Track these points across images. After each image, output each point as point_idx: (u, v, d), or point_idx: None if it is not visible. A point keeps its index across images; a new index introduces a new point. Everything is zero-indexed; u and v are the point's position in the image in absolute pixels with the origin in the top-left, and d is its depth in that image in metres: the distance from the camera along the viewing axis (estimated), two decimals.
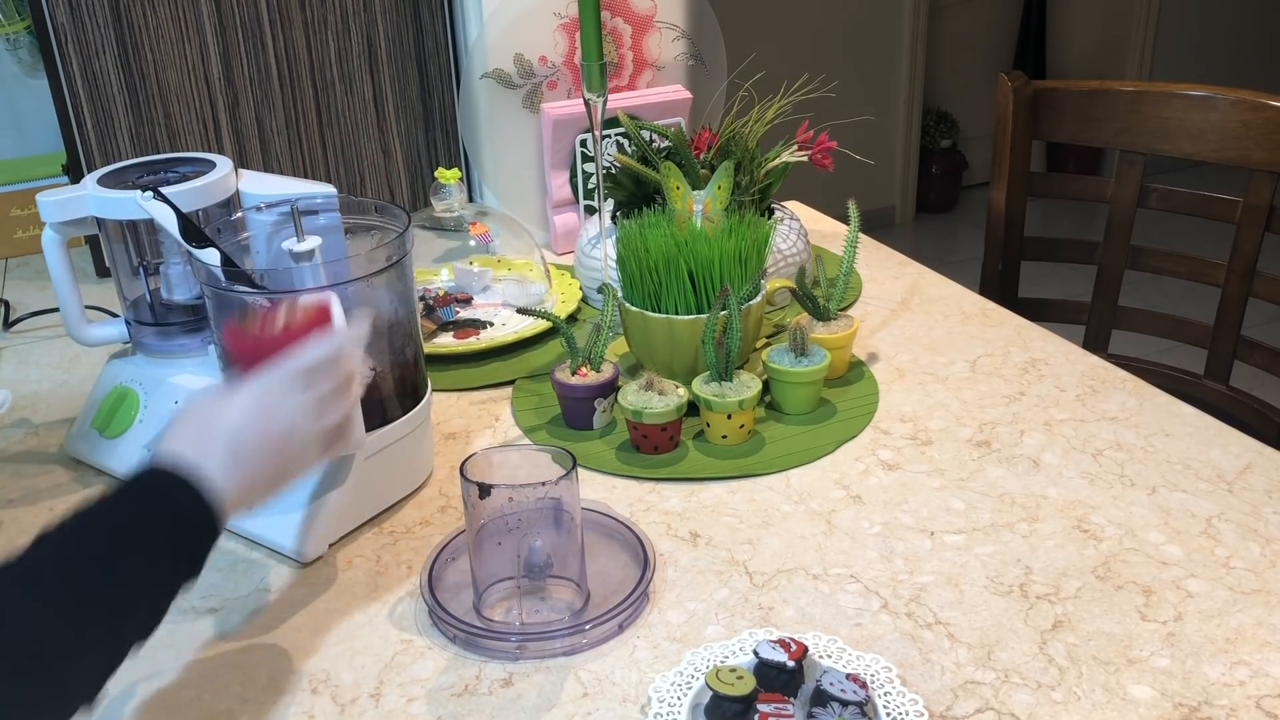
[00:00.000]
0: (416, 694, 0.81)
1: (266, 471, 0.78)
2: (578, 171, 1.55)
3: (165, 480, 0.73)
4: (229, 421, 0.77)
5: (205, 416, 0.78)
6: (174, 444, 0.76)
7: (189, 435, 0.77)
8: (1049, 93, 1.58)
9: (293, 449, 0.80)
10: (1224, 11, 4.42)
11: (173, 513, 0.72)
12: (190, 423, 0.78)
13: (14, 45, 1.80)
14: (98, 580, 0.67)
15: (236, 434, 0.77)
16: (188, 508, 0.73)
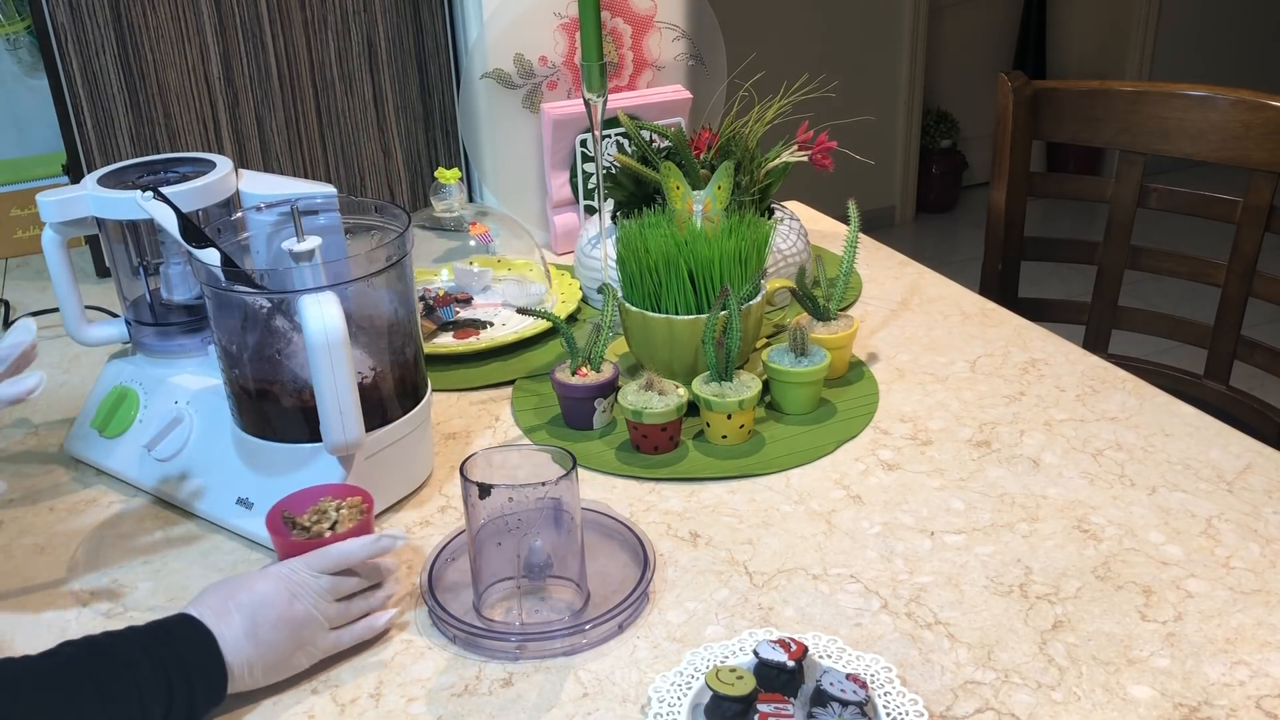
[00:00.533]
0: (416, 694, 0.81)
1: (277, 651, 0.80)
2: (578, 171, 1.55)
3: (188, 624, 0.78)
4: (255, 593, 0.80)
5: (234, 586, 0.81)
6: (199, 605, 0.80)
7: (215, 600, 0.80)
8: (1049, 93, 1.58)
9: (306, 636, 0.81)
10: (1224, 11, 4.42)
11: (190, 646, 0.77)
12: (219, 590, 0.81)
13: (14, 45, 1.80)
14: (103, 685, 0.72)
15: (258, 607, 0.80)
16: (202, 648, 0.77)
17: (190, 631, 0.78)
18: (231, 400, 0.99)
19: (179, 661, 0.75)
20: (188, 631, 0.78)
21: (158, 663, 0.74)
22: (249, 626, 0.79)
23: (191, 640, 0.77)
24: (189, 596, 0.92)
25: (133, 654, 0.74)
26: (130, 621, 0.89)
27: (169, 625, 0.78)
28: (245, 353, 0.96)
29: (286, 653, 0.80)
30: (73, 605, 0.91)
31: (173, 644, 0.76)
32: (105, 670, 0.73)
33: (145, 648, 0.75)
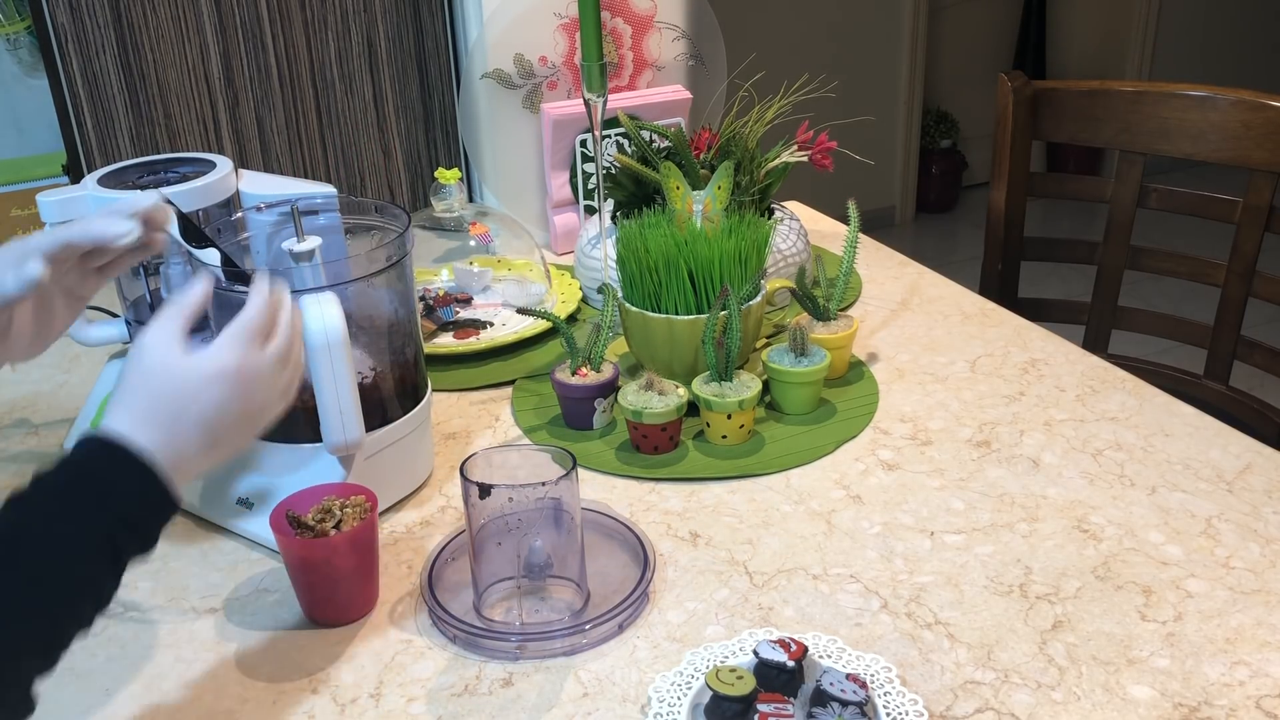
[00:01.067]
0: (416, 694, 0.81)
1: (236, 446, 0.74)
2: (578, 171, 1.55)
3: (108, 455, 0.68)
4: (205, 403, 0.71)
5: (176, 389, 0.71)
6: (138, 412, 0.70)
7: (153, 415, 0.70)
8: (1049, 93, 1.58)
9: (264, 418, 0.76)
10: (1224, 11, 4.42)
11: (112, 487, 0.67)
12: (159, 393, 0.71)
13: (14, 45, 1.80)
14: (22, 556, 0.63)
15: (216, 418, 0.72)
16: (133, 482, 0.68)
17: (127, 482, 0.68)
18: None
19: (118, 521, 0.66)
20: (125, 484, 0.68)
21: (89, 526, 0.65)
22: (208, 444, 0.71)
23: (130, 496, 0.67)
24: (189, 596, 0.92)
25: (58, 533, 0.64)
26: (131, 621, 0.89)
27: (92, 466, 0.67)
28: None
29: (248, 438, 0.75)
30: None
31: (109, 507, 0.66)
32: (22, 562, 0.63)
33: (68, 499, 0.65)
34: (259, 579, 0.94)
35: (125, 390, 0.72)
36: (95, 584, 0.66)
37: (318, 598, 0.88)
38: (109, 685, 0.83)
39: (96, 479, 0.67)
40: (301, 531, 0.87)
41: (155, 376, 0.72)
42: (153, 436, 0.69)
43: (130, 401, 0.71)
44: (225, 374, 0.73)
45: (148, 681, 0.83)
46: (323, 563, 0.85)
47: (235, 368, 0.73)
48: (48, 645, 0.64)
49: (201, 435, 0.71)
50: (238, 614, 0.90)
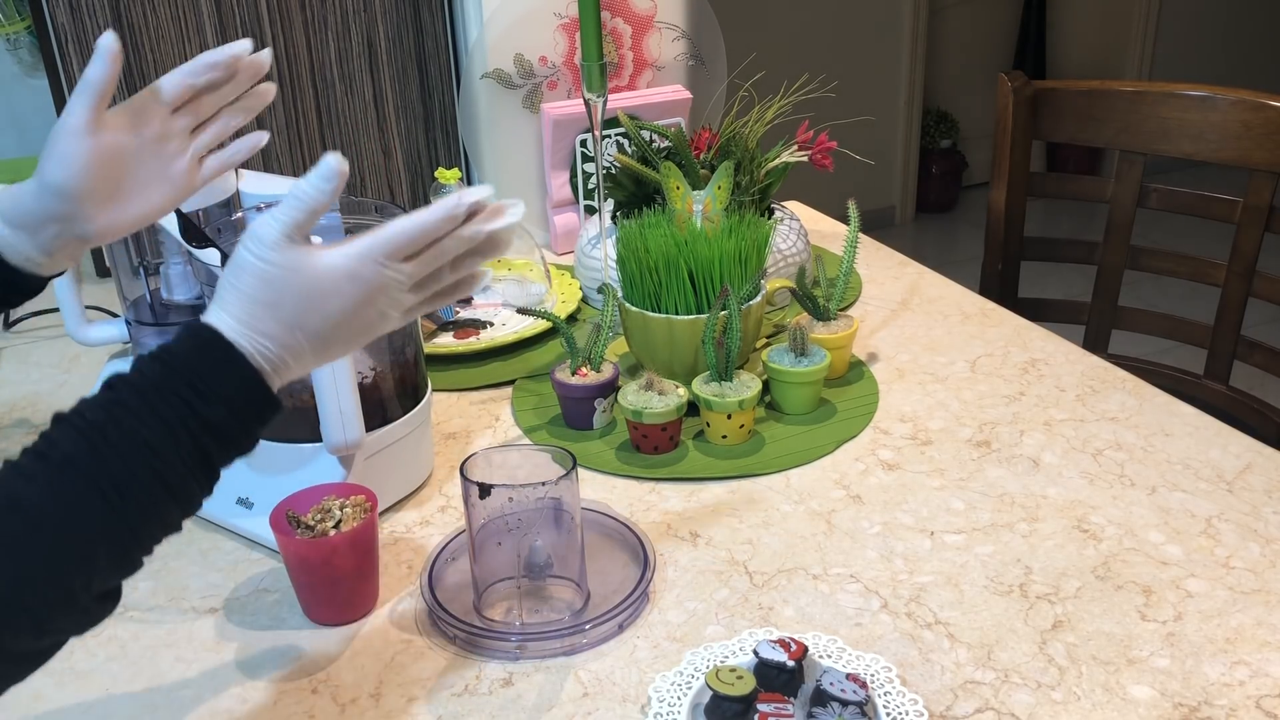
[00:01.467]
0: (416, 694, 0.81)
1: (344, 352, 0.71)
2: (578, 171, 1.55)
3: (211, 353, 0.65)
4: (332, 308, 0.68)
5: (299, 291, 0.67)
6: (256, 316, 0.66)
7: (275, 311, 0.66)
8: (1049, 93, 1.58)
9: (379, 329, 0.72)
10: (1224, 11, 4.42)
11: (209, 390, 0.64)
12: (278, 294, 0.67)
13: (14, 45, 1.80)
14: (108, 455, 0.61)
15: (331, 327, 0.68)
16: (234, 386, 0.65)
17: (226, 385, 0.64)
18: None
19: (211, 428, 0.63)
20: (223, 386, 0.64)
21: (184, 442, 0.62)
22: (321, 344, 0.68)
23: (229, 401, 0.64)
24: (189, 596, 0.92)
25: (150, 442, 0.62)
26: (131, 621, 0.89)
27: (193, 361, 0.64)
28: None
29: (361, 339, 0.71)
30: None
31: (200, 412, 0.63)
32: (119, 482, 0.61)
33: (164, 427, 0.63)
34: (259, 579, 0.94)
35: (243, 277, 0.67)
36: (183, 488, 0.63)
37: (318, 598, 0.88)
38: (109, 685, 0.83)
39: (195, 379, 0.64)
40: (301, 531, 0.87)
41: (281, 269, 0.67)
42: (270, 332, 0.66)
43: (251, 291, 0.67)
44: (357, 279, 0.68)
45: (148, 681, 0.83)
46: (323, 563, 0.85)
47: (370, 275, 0.68)
48: (127, 549, 0.62)
49: (317, 338, 0.68)
50: (238, 614, 0.90)
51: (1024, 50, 4.31)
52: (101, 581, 0.62)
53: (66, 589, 0.60)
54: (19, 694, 0.82)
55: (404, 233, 0.69)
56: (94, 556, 0.60)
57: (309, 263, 0.67)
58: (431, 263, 0.71)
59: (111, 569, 0.62)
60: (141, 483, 0.61)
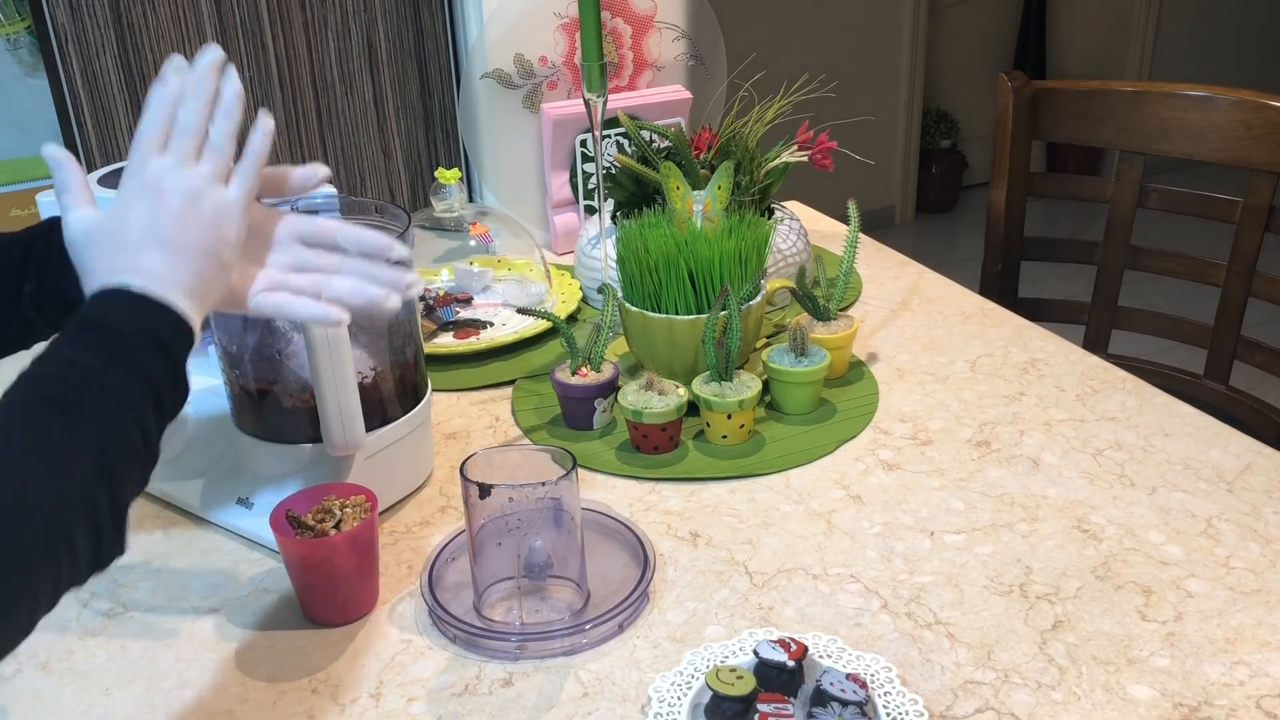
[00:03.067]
0: (416, 694, 0.81)
1: (204, 245, 0.73)
2: (578, 171, 1.55)
3: (113, 307, 0.69)
4: (135, 221, 0.72)
5: (107, 233, 0.73)
6: (99, 273, 0.71)
7: (108, 257, 0.72)
8: (1049, 93, 1.58)
9: (207, 210, 0.74)
10: (1224, 11, 4.42)
11: (140, 339, 0.68)
12: (98, 248, 0.72)
13: (14, 45, 1.80)
14: (69, 418, 0.63)
15: (151, 227, 0.72)
16: (155, 327, 0.69)
17: (117, 306, 0.69)
18: (232, 401, 0.99)
19: (123, 339, 0.67)
20: (114, 308, 0.69)
21: (105, 356, 0.66)
22: (163, 250, 0.71)
23: (120, 311, 0.69)
24: (189, 596, 0.92)
25: (76, 359, 0.65)
26: (131, 621, 0.89)
27: (86, 316, 0.68)
28: (246, 353, 0.96)
29: (212, 240, 0.74)
30: (73, 605, 0.91)
31: (103, 327, 0.67)
32: (61, 395, 0.64)
33: (81, 347, 0.66)
34: (259, 579, 0.94)
35: (81, 272, 0.73)
36: (142, 424, 0.67)
37: (318, 598, 0.88)
38: (109, 685, 0.83)
39: (103, 322, 0.68)
40: (301, 531, 0.87)
41: (90, 234, 0.73)
42: (112, 273, 0.70)
43: (86, 266, 0.72)
44: (132, 195, 0.74)
45: (148, 681, 0.83)
46: (323, 563, 0.85)
47: (137, 186, 0.74)
48: (112, 499, 0.64)
49: (155, 250, 0.71)
50: (238, 614, 0.90)
51: (1024, 50, 4.31)
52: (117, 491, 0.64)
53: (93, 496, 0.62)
54: (19, 694, 0.82)
55: (143, 125, 0.75)
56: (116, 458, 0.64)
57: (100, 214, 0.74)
58: (182, 138, 0.75)
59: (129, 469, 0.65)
60: (114, 415, 0.65)
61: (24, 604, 0.59)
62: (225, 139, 0.77)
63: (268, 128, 0.79)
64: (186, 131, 0.76)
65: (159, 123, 0.76)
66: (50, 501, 0.60)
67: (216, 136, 0.77)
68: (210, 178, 0.76)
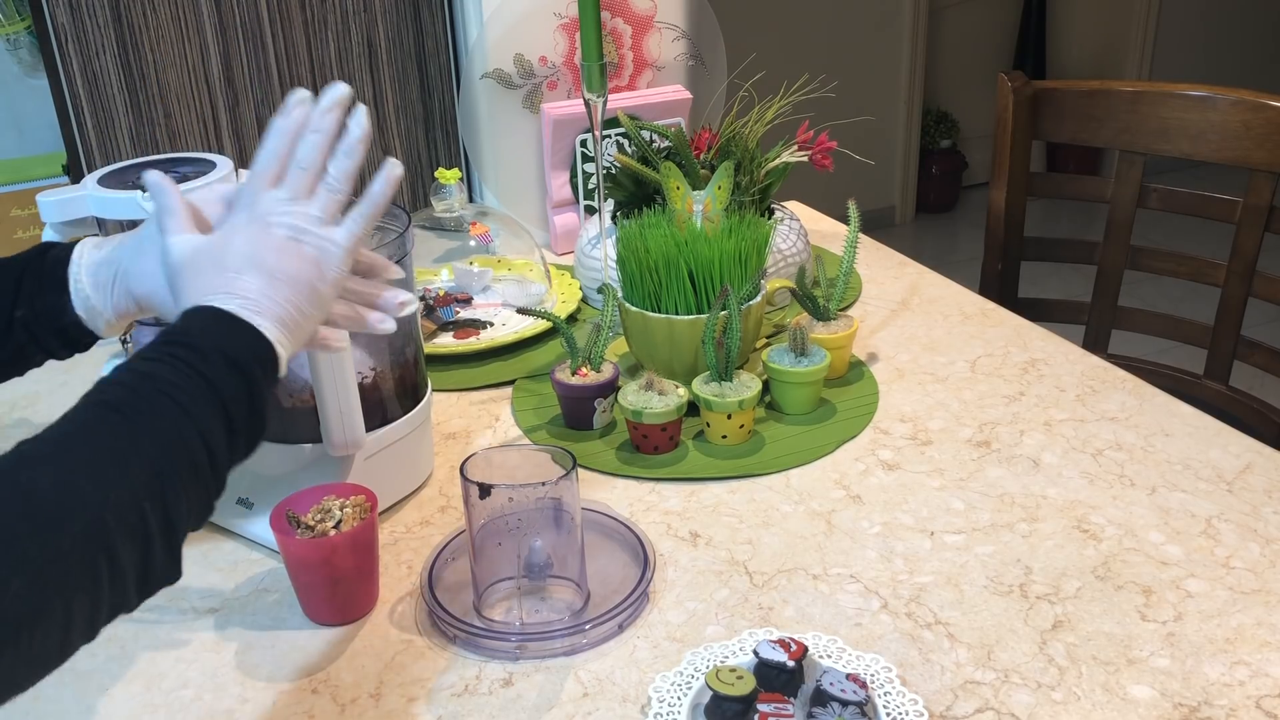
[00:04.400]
0: (416, 694, 0.81)
1: (303, 279, 0.72)
2: (578, 171, 1.55)
3: (202, 324, 0.68)
4: (238, 248, 0.71)
5: (207, 257, 0.72)
6: (195, 292, 0.70)
7: (204, 278, 0.71)
8: (1049, 93, 1.58)
9: (310, 248, 0.73)
10: (1224, 11, 4.42)
11: (222, 359, 0.66)
12: (194, 270, 0.72)
13: (14, 45, 1.80)
14: (129, 425, 0.61)
15: (253, 254, 0.71)
16: (239, 348, 0.67)
17: (206, 324, 0.68)
18: None
19: (202, 355, 0.65)
20: (202, 325, 0.67)
21: (183, 371, 0.64)
22: (265, 278, 0.70)
23: (208, 329, 0.67)
24: (189, 596, 0.92)
25: (153, 372, 0.64)
26: (131, 621, 0.89)
27: (174, 330, 0.67)
28: None
29: (310, 275, 0.73)
30: None
31: (186, 343, 0.66)
32: (126, 402, 0.62)
33: (161, 360, 0.64)
34: (259, 579, 0.94)
35: (176, 294, 0.72)
36: (212, 435, 0.64)
37: (318, 598, 0.88)
38: (109, 685, 0.83)
39: (184, 338, 0.67)
40: (301, 531, 0.87)
41: (191, 258, 0.73)
42: (207, 293, 0.69)
43: (182, 288, 0.72)
44: (239, 224, 0.73)
45: (148, 681, 0.83)
46: (323, 563, 0.85)
47: (246, 218, 0.73)
48: (183, 513, 0.62)
49: (254, 275, 0.70)
50: (238, 614, 0.90)
51: (1024, 50, 4.31)
52: (171, 504, 0.61)
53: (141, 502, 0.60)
54: None
55: (260, 156, 0.75)
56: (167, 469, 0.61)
57: (204, 239, 0.74)
58: (298, 174, 0.75)
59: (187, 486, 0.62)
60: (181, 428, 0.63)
61: (56, 615, 0.56)
62: (343, 179, 0.76)
63: (394, 176, 0.78)
64: (303, 167, 0.75)
65: (276, 155, 0.75)
66: (94, 507, 0.57)
67: (334, 175, 0.76)
68: (319, 218, 0.75)
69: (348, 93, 0.76)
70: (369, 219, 0.77)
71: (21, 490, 0.56)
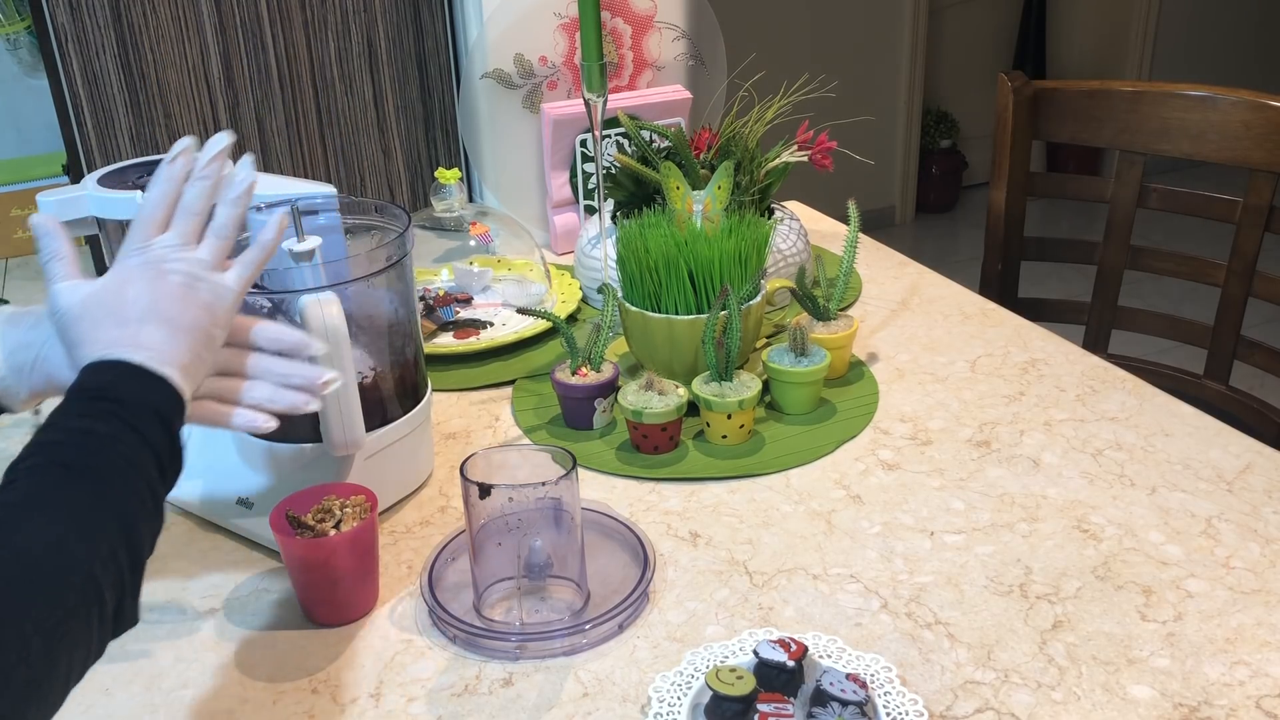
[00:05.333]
0: (416, 694, 0.81)
1: (200, 327, 0.74)
2: (578, 171, 1.55)
3: (107, 370, 0.69)
4: (135, 297, 0.73)
5: (103, 306, 0.73)
6: (97, 344, 0.71)
7: (104, 330, 0.72)
8: (1049, 93, 1.58)
9: (204, 294, 0.75)
10: (1224, 11, 4.42)
11: (146, 412, 0.68)
12: (92, 320, 0.73)
13: (14, 45, 1.80)
14: (91, 483, 0.64)
15: (152, 304, 0.73)
16: (158, 401, 0.70)
17: (122, 379, 0.69)
18: None
19: (130, 410, 0.68)
20: (118, 380, 0.69)
21: (117, 425, 0.67)
22: (163, 324, 0.72)
23: (125, 384, 0.69)
24: (189, 596, 0.92)
25: (91, 429, 0.66)
26: None
27: (89, 386, 0.69)
28: None
29: (206, 322, 0.75)
30: None
31: (111, 398, 0.68)
32: (80, 461, 0.64)
33: (93, 417, 0.67)
34: (259, 579, 0.94)
35: (69, 343, 0.73)
36: (150, 485, 0.68)
37: (318, 598, 0.88)
38: (109, 685, 0.83)
39: (110, 393, 0.69)
40: (301, 531, 0.87)
41: (84, 306, 0.74)
42: (111, 346, 0.71)
43: (79, 338, 0.73)
44: (132, 271, 0.75)
45: (148, 681, 0.83)
46: (323, 563, 0.85)
47: (138, 263, 0.75)
48: (133, 558, 0.65)
49: (156, 326, 0.72)
50: (238, 614, 0.90)
51: (1024, 50, 4.31)
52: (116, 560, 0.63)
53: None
54: None
55: (147, 201, 0.77)
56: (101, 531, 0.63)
57: (91, 287, 0.75)
58: (185, 219, 0.77)
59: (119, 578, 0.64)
60: (124, 476, 0.66)
61: (61, 670, 0.58)
62: (230, 225, 0.79)
63: (283, 225, 0.81)
64: (191, 212, 0.78)
65: (163, 200, 0.78)
66: (85, 562, 0.60)
67: (221, 221, 0.79)
68: (209, 263, 0.77)
69: (231, 142, 0.79)
70: (259, 264, 0.80)
71: (15, 553, 0.58)
